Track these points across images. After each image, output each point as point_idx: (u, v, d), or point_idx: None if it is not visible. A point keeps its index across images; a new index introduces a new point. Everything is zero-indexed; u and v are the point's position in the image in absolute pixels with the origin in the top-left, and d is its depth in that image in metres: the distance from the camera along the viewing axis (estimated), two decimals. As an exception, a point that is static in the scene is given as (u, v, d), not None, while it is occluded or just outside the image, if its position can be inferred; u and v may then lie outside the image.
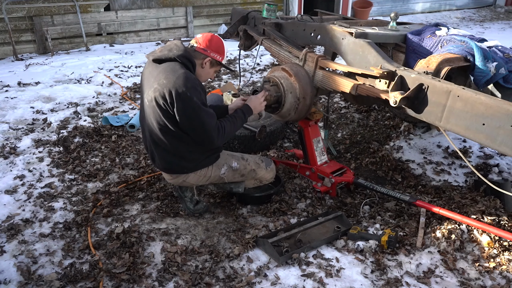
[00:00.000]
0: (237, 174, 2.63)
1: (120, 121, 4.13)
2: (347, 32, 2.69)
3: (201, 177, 2.53)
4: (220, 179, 2.60)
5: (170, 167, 2.48)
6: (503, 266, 2.20)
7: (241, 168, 2.63)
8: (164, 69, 2.26)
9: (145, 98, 2.35)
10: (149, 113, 2.34)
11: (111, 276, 2.14)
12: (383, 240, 2.33)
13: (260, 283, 2.11)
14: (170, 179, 2.58)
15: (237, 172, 2.62)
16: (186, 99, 2.19)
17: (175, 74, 2.21)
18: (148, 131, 2.42)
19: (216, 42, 2.44)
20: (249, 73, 5.98)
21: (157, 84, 2.25)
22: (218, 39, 2.47)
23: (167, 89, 2.20)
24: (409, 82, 2.25)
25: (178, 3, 8.07)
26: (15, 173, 3.16)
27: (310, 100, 2.81)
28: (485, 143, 2.01)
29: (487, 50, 2.55)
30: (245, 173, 2.65)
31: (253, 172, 2.67)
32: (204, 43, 2.41)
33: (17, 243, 2.39)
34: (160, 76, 2.25)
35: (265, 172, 2.73)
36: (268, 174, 2.76)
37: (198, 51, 2.40)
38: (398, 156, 3.48)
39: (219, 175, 2.58)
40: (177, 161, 2.44)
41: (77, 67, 6.03)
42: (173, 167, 2.48)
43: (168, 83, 2.20)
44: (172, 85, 2.19)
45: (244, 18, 3.62)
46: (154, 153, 2.48)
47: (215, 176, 2.57)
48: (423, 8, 11.74)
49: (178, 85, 2.18)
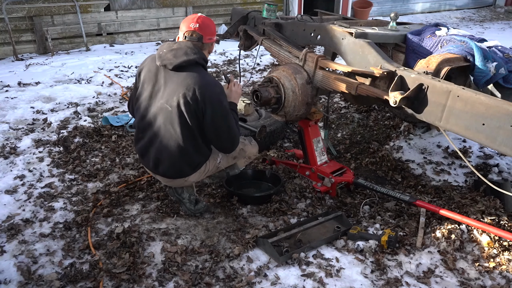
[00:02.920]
0: (230, 157, 2.67)
1: (120, 121, 4.13)
2: (347, 32, 2.69)
3: (201, 173, 2.54)
4: (217, 168, 2.63)
5: (177, 172, 2.45)
6: (503, 266, 2.21)
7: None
8: (191, 75, 2.25)
9: (163, 104, 2.29)
10: (167, 118, 2.29)
11: (111, 276, 2.14)
12: (383, 240, 2.34)
13: (260, 283, 2.11)
14: (168, 182, 2.56)
15: (230, 156, 2.65)
16: (218, 105, 2.26)
17: (203, 80, 2.25)
18: (157, 137, 2.36)
19: (211, 23, 2.41)
20: (249, 73, 5.98)
21: (185, 89, 2.22)
22: (208, 20, 2.42)
23: (200, 94, 2.21)
24: (409, 82, 2.25)
25: (178, 3, 8.07)
26: (15, 173, 3.16)
27: (310, 100, 2.81)
28: (485, 143, 2.01)
29: (487, 50, 2.55)
30: (236, 155, 2.69)
31: (242, 151, 2.72)
32: (206, 32, 2.36)
33: (17, 243, 2.39)
34: (188, 81, 2.23)
35: (251, 147, 2.79)
36: (254, 149, 2.82)
37: (206, 42, 2.37)
38: (398, 156, 3.48)
39: (216, 165, 2.59)
40: (186, 165, 2.43)
41: (77, 67, 6.03)
42: (179, 173, 2.45)
43: (199, 88, 2.22)
44: (204, 91, 2.22)
45: (244, 18, 3.62)
46: (160, 160, 2.40)
47: (213, 167, 2.58)
48: (423, 8, 11.74)
49: (210, 92, 2.24)
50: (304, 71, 2.80)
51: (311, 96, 2.81)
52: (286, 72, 2.82)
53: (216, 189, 3.01)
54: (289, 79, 2.79)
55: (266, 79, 2.91)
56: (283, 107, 2.86)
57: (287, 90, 2.79)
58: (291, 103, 2.81)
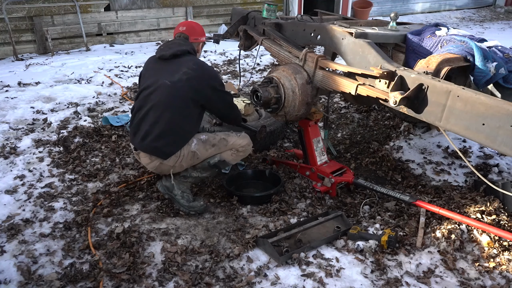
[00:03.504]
0: (208, 144, 2.64)
1: (120, 121, 4.13)
2: (347, 32, 2.69)
3: (176, 157, 2.56)
4: (194, 155, 2.60)
5: (161, 147, 2.52)
6: (503, 266, 2.21)
7: (210, 138, 2.66)
8: (191, 59, 2.60)
9: (162, 81, 2.52)
10: (164, 92, 2.51)
11: (111, 276, 2.14)
12: (383, 240, 2.34)
13: (260, 283, 2.11)
14: (148, 163, 2.63)
15: (207, 142, 2.63)
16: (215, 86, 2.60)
17: (200, 64, 2.61)
18: (153, 109, 2.52)
19: (196, 27, 2.80)
20: (249, 73, 5.98)
21: (186, 68, 2.53)
22: (193, 23, 2.84)
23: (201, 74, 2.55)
24: (409, 82, 2.25)
25: (178, 3, 8.07)
26: (15, 173, 3.16)
27: (310, 100, 2.81)
28: (485, 143, 2.01)
29: (487, 50, 2.55)
30: (215, 143, 2.66)
31: (224, 141, 2.68)
32: (191, 32, 2.75)
33: (17, 243, 2.39)
34: (189, 64, 2.56)
35: (237, 138, 2.73)
36: (241, 140, 2.74)
37: (193, 42, 2.74)
38: (398, 156, 3.48)
39: (191, 150, 2.59)
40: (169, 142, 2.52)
41: (77, 67, 6.03)
42: (162, 148, 2.53)
43: (198, 68, 2.56)
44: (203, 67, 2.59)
45: (244, 18, 3.62)
46: (150, 132, 2.52)
47: (188, 153, 2.58)
48: (423, 8, 11.75)
49: (208, 69, 2.63)
50: (304, 71, 2.80)
51: (311, 96, 2.81)
52: (286, 72, 2.82)
53: (216, 189, 3.01)
54: (289, 79, 2.79)
55: (266, 79, 2.91)
56: (283, 107, 2.86)
57: (287, 90, 2.79)
58: (291, 103, 2.81)
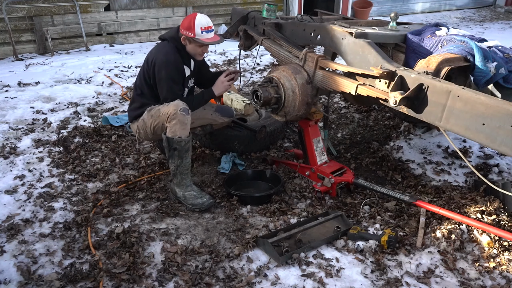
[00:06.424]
0: (149, 114, 2.83)
1: (120, 121, 4.13)
2: (347, 32, 2.69)
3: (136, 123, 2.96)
4: (144, 122, 2.87)
5: (128, 113, 3.06)
6: (503, 266, 2.20)
7: (152, 109, 2.84)
8: (161, 45, 2.92)
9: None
10: (140, 71, 2.98)
11: (111, 276, 2.14)
12: (383, 240, 2.33)
13: (260, 283, 2.11)
14: (135, 131, 3.04)
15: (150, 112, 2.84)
16: (159, 69, 2.82)
17: (158, 50, 2.89)
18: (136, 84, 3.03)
19: (187, 20, 2.78)
20: (249, 73, 5.98)
21: (149, 53, 2.95)
22: (190, 17, 2.80)
23: (151, 58, 2.85)
24: (409, 82, 2.25)
25: (178, 3, 8.07)
26: (15, 173, 3.16)
27: (310, 100, 2.81)
28: (485, 143, 2.01)
29: (487, 50, 2.55)
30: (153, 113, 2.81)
31: (158, 111, 2.78)
32: (181, 24, 2.82)
33: (17, 243, 2.39)
34: (155, 48, 2.96)
35: (165, 107, 2.73)
36: (167, 108, 2.71)
37: (181, 32, 2.83)
38: (398, 156, 3.48)
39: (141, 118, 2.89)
40: (132, 108, 3.00)
41: (77, 67, 6.03)
42: (128, 113, 3.06)
43: (154, 53, 2.88)
44: (155, 57, 2.83)
45: (244, 18, 3.62)
46: (133, 100, 3.04)
47: (141, 120, 2.90)
48: (423, 8, 11.74)
49: (158, 58, 2.82)
50: (304, 71, 2.80)
51: (311, 96, 2.80)
52: (286, 72, 2.82)
53: (216, 189, 3.01)
54: (289, 79, 2.79)
55: (266, 79, 2.91)
56: (283, 107, 2.86)
57: (287, 90, 2.79)
58: (291, 103, 2.81)
